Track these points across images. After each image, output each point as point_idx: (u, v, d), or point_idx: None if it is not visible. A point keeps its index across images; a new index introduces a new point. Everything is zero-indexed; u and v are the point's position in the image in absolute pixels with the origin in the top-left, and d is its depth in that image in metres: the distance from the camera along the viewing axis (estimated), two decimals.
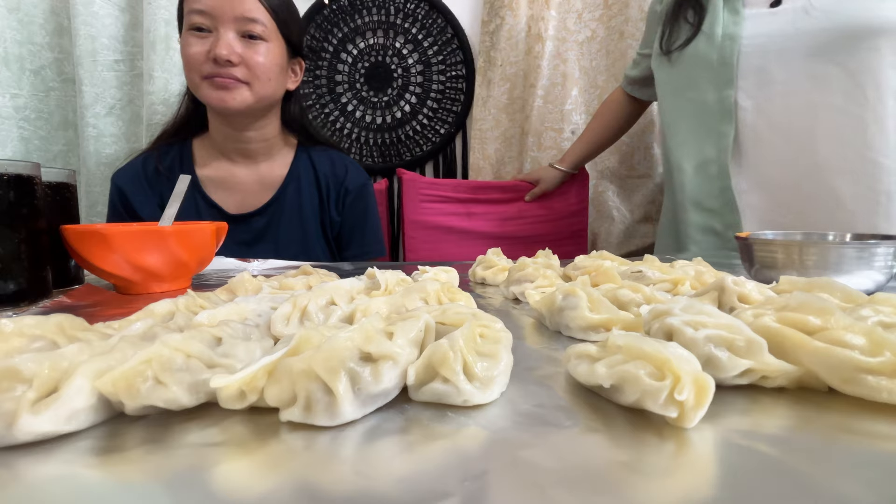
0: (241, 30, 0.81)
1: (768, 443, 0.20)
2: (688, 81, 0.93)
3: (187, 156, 0.93)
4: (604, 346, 0.25)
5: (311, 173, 0.96)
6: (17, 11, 1.14)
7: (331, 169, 0.97)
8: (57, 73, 1.20)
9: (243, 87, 0.83)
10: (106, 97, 1.17)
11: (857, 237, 0.52)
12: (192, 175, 0.89)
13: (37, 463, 0.19)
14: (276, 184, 0.94)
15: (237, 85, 0.82)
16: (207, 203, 0.91)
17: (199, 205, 0.91)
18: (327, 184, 0.96)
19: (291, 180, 0.94)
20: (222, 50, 0.78)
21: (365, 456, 0.19)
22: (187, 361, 0.23)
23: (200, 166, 0.93)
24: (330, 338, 0.23)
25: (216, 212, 0.91)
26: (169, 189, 0.86)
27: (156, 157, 0.92)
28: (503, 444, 0.20)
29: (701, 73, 0.90)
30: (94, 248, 0.48)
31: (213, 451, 0.20)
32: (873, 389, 0.22)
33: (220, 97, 0.82)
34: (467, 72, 1.39)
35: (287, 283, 0.45)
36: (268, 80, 0.84)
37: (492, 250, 0.62)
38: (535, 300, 0.39)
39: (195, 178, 0.91)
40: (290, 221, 0.94)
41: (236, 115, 0.86)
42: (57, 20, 1.18)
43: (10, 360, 0.21)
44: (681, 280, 0.44)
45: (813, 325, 0.25)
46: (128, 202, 0.90)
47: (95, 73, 1.15)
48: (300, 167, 0.96)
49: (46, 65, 1.18)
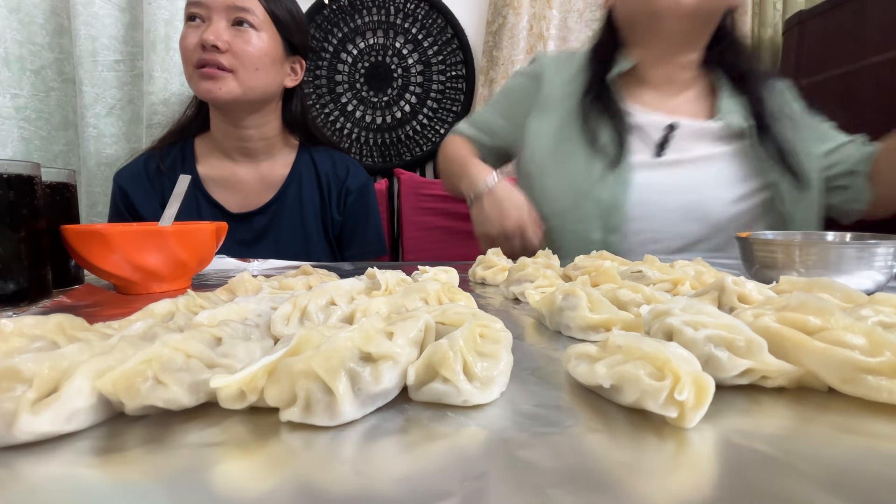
0: (232, 18, 0.82)
1: (768, 443, 0.20)
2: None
3: (189, 154, 0.93)
4: (604, 346, 0.25)
5: (312, 173, 0.96)
6: (18, 12, 1.15)
7: (332, 169, 0.97)
8: (57, 74, 1.20)
9: (229, 76, 0.83)
10: (106, 97, 1.17)
11: (857, 237, 0.52)
12: (193, 174, 0.89)
13: (37, 463, 0.19)
14: (278, 183, 0.94)
15: (223, 74, 0.82)
16: (209, 202, 0.91)
17: (201, 203, 0.91)
18: (328, 183, 0.96)
19: (293, 180, 0.94)
20: (209, 35, 0.79)
21: (365, 456, 0.19)
22: (187, 361, 0.23)
23: (202, 165, 0.93)
24: (330, 338, 0.23)
25: (217, 211, 0.91)
26: (171, 188, 0.86)
27: (158, 157, 0.92)
28: (503, 444, 0.20)
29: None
30: (94, 248, 0.48)
31: (213, 451, 0.20)
32: (873, 389, 0.22)
33: (208, 87, 0.82)
34: (467, 72, 1.39)
35: (287, 283, 0.45)
36: (255, 69, 0.84)
37: (492, 250, 0.62)
38: (535, 300, 0.39)
39: (196, 176, 0.91)
40: (291, 221, 0.94)
41: (227, 107, 0.86)
42: (57, 20, 1.18)
43: (10, 360, 0.21)
44: (681, 280, 0.44)
45: (813, 325, 0.25)
46: (129, 201, 0.90)
47: (96, 74, 1.15)
48: (302, 167, 0.96)
49: (47, 65, 1.19)
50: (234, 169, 0.93)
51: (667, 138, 0.82)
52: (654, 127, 0.83)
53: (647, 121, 0.83)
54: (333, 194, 0.97)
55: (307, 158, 0.97)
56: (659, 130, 0.83)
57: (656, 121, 0.83)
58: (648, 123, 0.83)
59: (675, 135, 0.82)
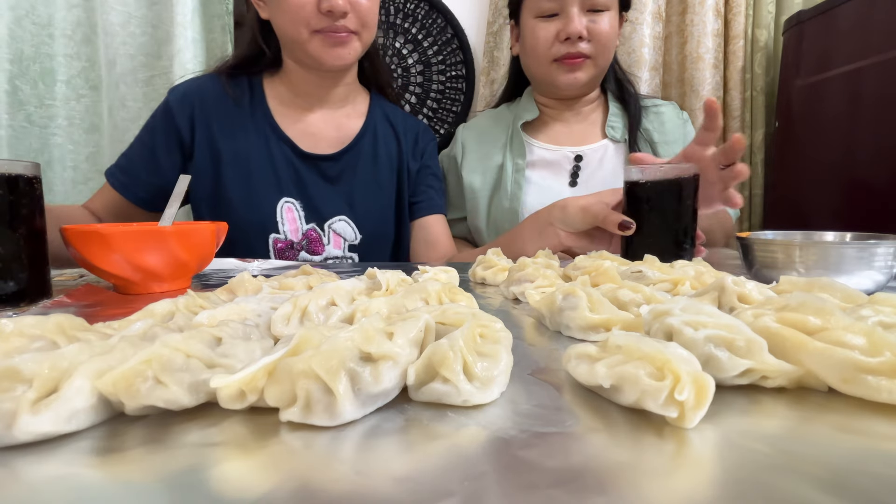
0: None
1: (768, 443, 0.20)
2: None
3: (258, 91, 0.88)
4: (604, 346, 0.25)
5: (386, 124, 0.95)
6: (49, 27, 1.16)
7: (404, 121, 0.97)
8: (85, 81, 1.20)
9: (354, 38, 0.79)
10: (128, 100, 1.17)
11: (857, 237, 0.52)
12: (264, 110, 0.86)
13: (37, 463, 0.19)
14: (352, 133, 0.91)
15: (350, 38, 0.78)
16: (279, 137, 0.86)
17: (270, 139, 0.86)
18: (405, 133, 0.95)
19: (367, 131, 0.92)
20: (338, 0, 0.74)
21: (365, 456, 0.19)
22: (187, 361, 0.23)
23: (272, 104, 0.88)
24: (330, 338, 0.23)
25: (288, 147, 0.86)
26: (233, 114, 0.84)
27: (224, 81, 0.86)
28: (503, 444, 0.20)
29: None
30: (94, 248, 0.48)
31: (213, 451, 0.20)
32: (873, 389, 0.22)
33: (338, 54, 0.78)
34: (467, 72, 1.39)
35: (287, 283, 0.45)
36: (374, 24, 0.81)
37: (492, 250, 0.62)
38: (535, 300, 0.39)
39: (267, 109, 0.86)
40: (364, 173, 0.90)
41: (343, 69, 0.83)
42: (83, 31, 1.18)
43: (10, 360, 0.21)
44: (681, 280, 0.44)
45: (813, 326, 0.25)
46: (174, 123, 0.84)
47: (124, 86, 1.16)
48: (376, 118, 0.94)
49: (76, 74, 1.19)
50: (307, 114, 0.89)
51: (577, 168, 0.97)
52: (566, 160, 0.97)
53: (558, 156, 0.98)
54: (409, 144, 0.95)
55: (380, 111, 0.95)
56: (570, 162, 0.97)
57: (566, 155, 0.98)
58: (561, 158, 0.98)
59: (581, 165, 0.97)
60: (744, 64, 1.30)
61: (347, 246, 0.89)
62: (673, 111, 1.02)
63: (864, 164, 1.04)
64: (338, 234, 0.88)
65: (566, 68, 0.91)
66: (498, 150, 1.00)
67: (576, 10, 0.87)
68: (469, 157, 1.02)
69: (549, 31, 0.89)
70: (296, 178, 0.87)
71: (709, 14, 1.27)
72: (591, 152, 0.97)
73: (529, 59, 0.95)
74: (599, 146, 0.98)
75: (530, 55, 0.93)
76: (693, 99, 1.29)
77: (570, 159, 0.97)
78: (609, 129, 0.98)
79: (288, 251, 0.86)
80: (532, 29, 0.91)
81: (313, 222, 0.87)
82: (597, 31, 0.88)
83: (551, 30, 0.89)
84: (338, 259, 0.89)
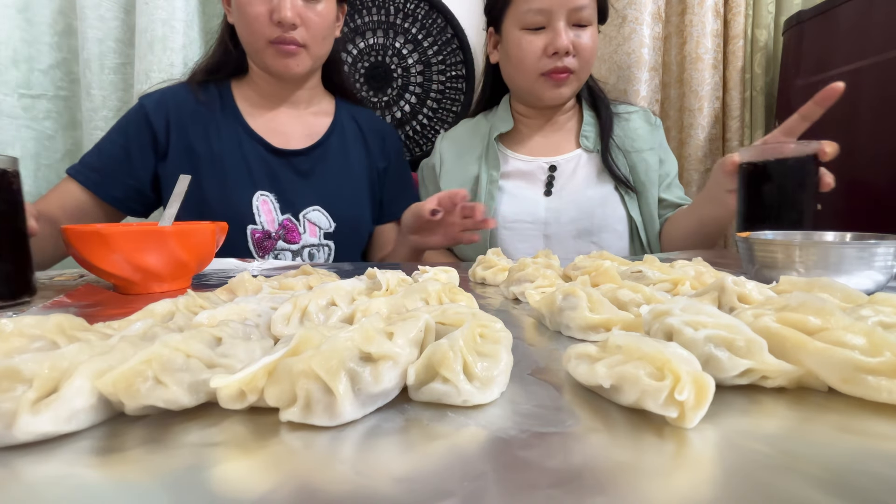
0: None
1: (768, 443, 0.20)
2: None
3: (227, 96, 0.91)
4: (604, 346, 0.25)
5: (353, 124, 0.98)
6: (27, 11, 1.15)
7: (370, 122, 1.01)
8: (65, 74, 1.19)
9: (302, 51, 0.83)
10: (112, 99, 1.16)
11: (857, 237, 0.52)
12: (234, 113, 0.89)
13: (37, 463, 0.19)
14: (321, 132, 0.94)
15: (298, 50, 0.82)
16: (251, 136, 0.90)
17: (242, 139, 0.89)
18: (371, 132, 0.99)
19: (335, 129, 0.95)
20: (286, 12, 0.77)
21: (365, 456, 0.19)
22: (187, 361, 0.23)
23: (242, 107, 0.91)
24: (330, 338, 0.23)
25: (260, 146, 0.89)
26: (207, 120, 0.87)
27: (194, 88, 0.89)
28: (503, 444, 0.20)
29: None
30: (94, 248, 0.48)
31: (213, 451, 0.20)
32: (873, 389, 0.22)
33: (285, 64, 0.82)
34: (467, 72, 1.39)
35: (287, 283, 0.45)
36: (323, 38, 0.85)
37: (492, 250, 0.62)
38: (535, 300, 0.39)
39: (237, 112, 0.89)
40: (334, 167, 0.94)
41: (294, 79, 0.87)
42: (65, 20, 1.18)
43: (10, 360, 0.21)
44: (681, 280, 0.44)
45: (813, 326, 0.25)
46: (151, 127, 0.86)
47: (102, 77, 1.15)
48: (343, 118, 0.98)
49: (54, 65, 1.18)
50: (276, 114, 0.92)
51: (552, 178, 0.98)
52: (540, 170, 0.99)
53: (533, 167, 0.99)
54: (376, 143, 0.99)
55: (346, 112, 0.99)
56: (544, 172, 0.99)
57: (541, 165, 0.99)
58: (535, 169, 0.99)
59: (556, 174, 0.98)
60: (743, 64, 1.30)
61: (323, 234, 0.92)
62: (642, 118, 1.03)
63: (864, 165, 1.04)
64: (313, 223, 0.92)
65: (553, 83, 0.91)
66: (474, 162, 1.01)
67: (563, 24, 0.87)
68: (446, 167, 1.04)
69: (536, 45, 0.89)
70: (269, 173, 0.90)
71: (708, 14, 1.27)
72: (564, 162, 0.99)
73: (515, 71, 0.94)
74: (573, 156, 0.99)
75: (517, 67, 0.93)
76: (692, 99, 1.29)
77: (544, 169, 0.99)
78: (583, 140, 0.99)
79: (266, 241, 0.89)
80: (518, 41, 0.90)
81: (288, 213, 0.90)
82: (581, 46, 0.89)
83: (538, 43, 0.88)
84: (314, 247, 0.92)
